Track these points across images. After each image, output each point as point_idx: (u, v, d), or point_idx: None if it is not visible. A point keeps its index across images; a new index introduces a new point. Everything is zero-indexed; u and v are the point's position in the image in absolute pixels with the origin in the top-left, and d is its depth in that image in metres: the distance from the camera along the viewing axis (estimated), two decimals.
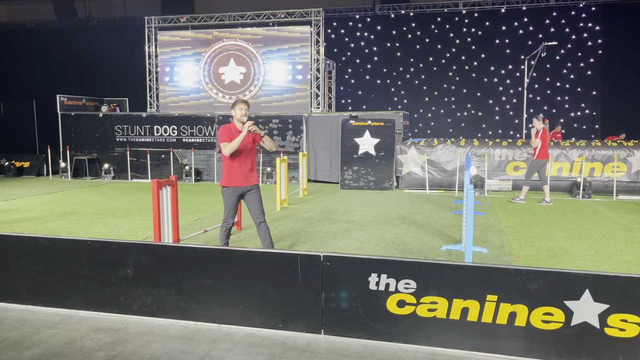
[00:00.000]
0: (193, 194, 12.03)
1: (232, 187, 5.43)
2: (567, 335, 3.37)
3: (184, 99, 16.94)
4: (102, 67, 19.94)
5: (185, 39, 16.82)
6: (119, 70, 19.60)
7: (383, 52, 20.01)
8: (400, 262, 3.73)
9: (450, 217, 8.90)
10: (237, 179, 5.43)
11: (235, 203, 5.51)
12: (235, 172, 5.42)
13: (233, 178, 5.42)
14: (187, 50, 16.82)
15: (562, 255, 6.33)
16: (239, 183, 5.45)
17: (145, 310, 4.21)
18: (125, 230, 7.75)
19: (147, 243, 4.40)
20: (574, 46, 18.28)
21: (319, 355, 3.58)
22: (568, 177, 11.87)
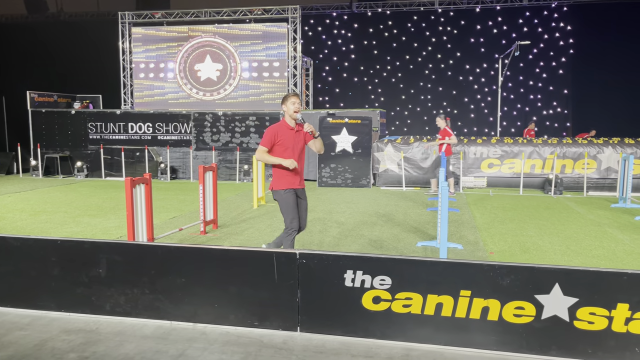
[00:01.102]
0: (168, 192, 11.89)
1: (289, 188, 4.96)
2: (538, 328, 3.43)
3: (159, 95, 16.72)
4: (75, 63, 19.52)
5: (160, 35, 16.60)
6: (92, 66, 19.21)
7: (360, 50, 20.07)
8: (375, 258, 3.75)
9: (426, 214, 8.99)
10: (292, 181, 4.97)
11: (297, 204, 5.01)
12: (291, 174, 4.96)
13: (288, 180, 4.96)
14: (162, 46, 16.60)
15: (534, 250, 6.46)
16: (294, 185, 4.99)
17: (118, 310, 4.15)
18: (98, 229, 7.61)
19: (120, 242, 4.33)
20: (546, 45, 18.62)
21: (295, 353, 3.58)
22: (540, 174, 12.10)
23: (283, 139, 4.94)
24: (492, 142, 12.61)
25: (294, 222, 4.98)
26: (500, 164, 12.32)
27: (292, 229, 4.99)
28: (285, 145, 4.95)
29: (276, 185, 5.02)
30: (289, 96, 4.97)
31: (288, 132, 4.95)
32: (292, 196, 4.98)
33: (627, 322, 3.29)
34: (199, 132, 14.57)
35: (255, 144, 14.28)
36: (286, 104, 4.95)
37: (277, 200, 5.05)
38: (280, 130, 4.95)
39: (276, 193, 5.03)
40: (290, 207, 4.97)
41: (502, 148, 12.33)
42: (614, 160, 11.73)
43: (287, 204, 4.97)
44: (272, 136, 4.92)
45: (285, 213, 5.00)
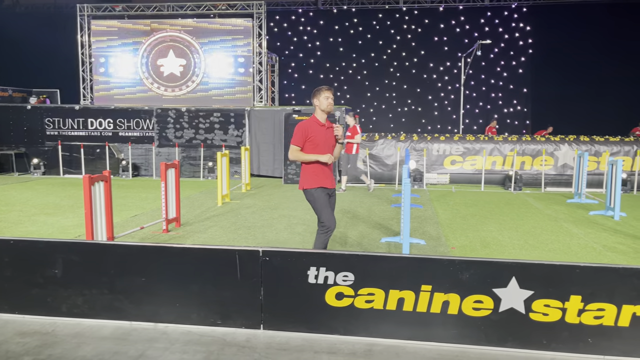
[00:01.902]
0: (130, 189, 11.64)
1: (322, 187, 4.74)
2: (496, 321, 3.52)
3: (120, 91, 16.32)
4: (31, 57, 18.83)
5: (121, 29, 16.18)
6: (49, 60, 18.57)
7: (326, 47, 20.10)
8: (338, 255, 3.76)
9: (391, 210, 9.09)
10: (325, 179, 4.75)
11: (328, 205, 4.77)
12: (323, 172, 4.75)
13: (321, 178, 4.74)
14: (123, 40, 16.19)
15: (494, 245, 6.62)
16: (327, 184, 4.77)
17: (76, 311, 4.03)
18: (55, 229, 7.38)
19: (77, 241, 4.21)
20: (507, 45, 19.10)
21: (257, 351, 3.56)
22: (501, 171, 12.42)
23: (314, 136, 4.69)
24: (454, 140, 12.85)
25: (330, 220, 4.74)
26: (462, 161, 12.58)
27: (329, 228, 4.74)
28: (316, 142, 4.71)
29: (307, 184, 4.77)
30: (322, 90, 4.70)
31: (319, 128, 4.71)
32: (324, 195, 4.76)
33: (580, 314, 3.42)
34: (161, 129, 14.29)
35: (220, 141, 14.13)
36: (319, 98, 4.70)
37: (308, 200, 4.82)
38: (311, 126, 4.70)
39: (308, 193, 4.78)
40: (324, 206, 4.74)
41: (464, 145, 12.58)
42: (570, 157, 12.14)
43: (321, 202, 4.73)
44: (303, 133, 4.68)
45: (320, 212, 4.74)
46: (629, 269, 3.37)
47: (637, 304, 3.35)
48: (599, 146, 12.12)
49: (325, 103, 4.68)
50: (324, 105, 4.68)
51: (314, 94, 4.75)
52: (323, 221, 4.74)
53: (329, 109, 4.71)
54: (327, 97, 4.67)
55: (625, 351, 3.41)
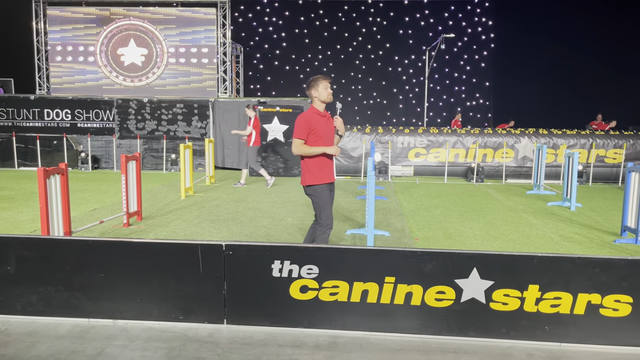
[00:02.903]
0: (89, 182, 11.29)
1: (325, 183, 4.58)
2: (457, 311, 3.58)
3: (78, 81, 15.78)
4: None
5: (79, 16, 15.62)
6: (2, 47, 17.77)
7: (292, 38, 19.98)
8: (303, 248, 3.74)
9: (356, 202, 9.13)
10: (328, 175, 4.61)
11: (331, 203, 4.67)
12: (327, 166, 4.58)
13: (325, 173, 4.58)
14: (80, 28, 15.63)
15: (456, 236, 6.74)
16: (330, 179, 4.63)
17: (30, 309, 3.88)
18: (9, 223, 7.09)
19: (30, 237, 4.04)
20: (470, 39, 19.43)
21: (220, 346, 3.52)
22: (464, 163, 12.65)
23: (317, 128, 4.49)
24: (419, 132, 12.99)
25: (329, 219, 4.63)
26: (426, 153, 12.74)
27: (328, 226, 4.64)
28: (319, 134, 4.51)
29: (311, 180, 4.57)
30: (319, 79, 4.47)
31: (320, 119, 4.51)
32: (328, 192, 4.62)
33: (538, 302, 3.51)
34: (122, 120, 13.91)
35: (183, 132, 13.86)
36: (317, 88, 4.47)
37: (311, 195, 4.63)
38: (313, 118, 4.48)
39: (311, 188, 4.59)
40: (327, 204, 4.60)
41: (428, 138, 12.75)
42: (529, 150, 12.47)
43: (325, 200, 4.59)
44: (307, 125, 4.46)
45: (322, 210, 4.60)
46: (584, 258, 3.47)
47: (592, 292, 3.46)
48: (557, 139, 12.49)
49: (325, 94, 4.48)
50: (324, 96, 4.49)
51: (310, 85, 4.52)
52: (322, 219, 4.62)
53: (329, 100, 4.52)
54: (325, 87, 4.47)
55: (580, 338, 3.52)
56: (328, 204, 4.62)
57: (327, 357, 3.39)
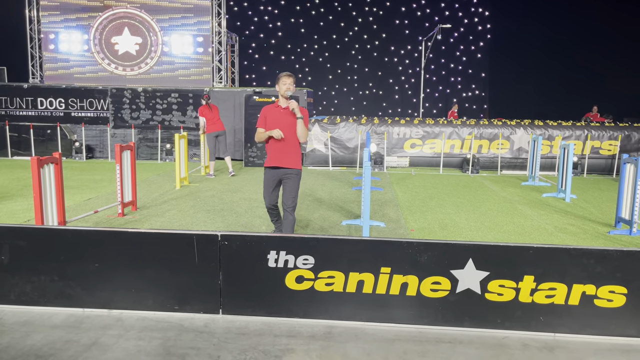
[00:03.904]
0: (84, 172, 11.23)
1: (268, 166, 5.10)
2: (453, 301, 3.59)
3: (72, 69, 15.62)
4: None
5: (72, 4, 15.42)
6: None
7: (287, 28, 19.85)
8: (298, 238, 3.74)
9: (352, 193, 9.13)
10: (273, 159, 5.05)
11: (270, 185, 5.13)
12: (274, 151, 5.03)
13: (270, 158, 5.08)
14: (73, 16, 15.44)
15: (451, 227, 6.75)
16: (274, 163, 5.05)
17: (25, 299, 3.86)
18: (3, 213, 7.04)
19: (24, 226, 4.01)
20: (466, 30, 19.36)
21: (216, 336, 3.51)
22: (459, 154, 12.65)
23: (271, 119, 5.05)
24: (414, 123, 12.98)
25: (265, 198, 5.24)
26: (422, 144, 12.74)
27: (266, 206, 5.27)
28: (272, 125, 5.05)
29: (264, 163, 5.21)
30: (280, 76, 5.03)
31: (275, 110, 5.06)
32: (268, 174, 5.14)
33: (532, 293, 3.52)
34: (117, 109, 13.81)
35: (178, 122, 13.79)
36: (278, 84, 5.04)
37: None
38: (269, 109, 5.08)
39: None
40: (265, 186, 5.18)
41: (423, 129, 12.74)
42: (525, 141, 12.48)
43: (264, 182, 5.20)
44: (262, 116, 5.11)
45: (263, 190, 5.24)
46: (579, 249, 3.49)
47: (587, 283, 3.48)
48: (552, 130, 12.50)
49: (284, 88, 5.00)
50: (282, 90, 5.02)
51: (276, 81, 5.10)
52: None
53: (284, 94, 5.01)
54: (284, 82, 5.00)
55: (574, 329, 3.54)
56: (266, 186, 5.20)
57: (322, 347, 3.40)
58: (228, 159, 10.94)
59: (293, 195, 5.08)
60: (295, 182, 5.11)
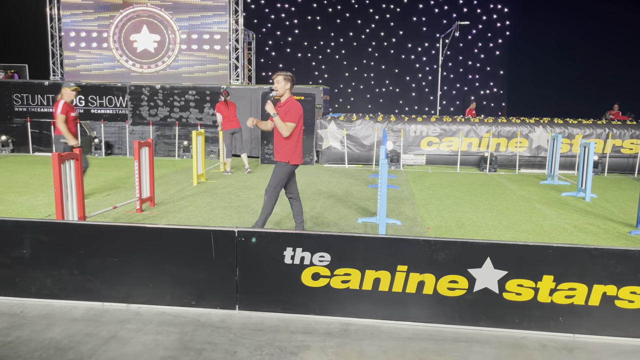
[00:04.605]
0: (103, 168, 11.37)
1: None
2: (470, 300, 3.56)
3: (91, 67, 15.83)
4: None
5: (92, 2, 15.62)
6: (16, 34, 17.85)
7: (304, 25, 19.84)
8: (315, 235, 3.74)
9: (368, 191, 9.11)
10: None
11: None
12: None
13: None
14: (93, 14, 15.63)
15: (469, 225, 6.69)
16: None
17: (45, 292, 3.93)
18: (24, 208, 7.17)
19: (45, 221, 4.08)
20: (485, 26, 19.15)
21: (232, 331, 3.54)
22: (477, 152, 12.53)
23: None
24: (431, 121, 12.88)
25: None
26: (439, 142, 12.64)
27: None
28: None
29: None
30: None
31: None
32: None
33: (552, 293, 3.48)
34: (135, 106, 13.96)
35: (195, 119, 13.88)
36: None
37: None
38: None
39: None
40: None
41: (441, 127, 12.64)
42: (544, 140, 12.31)
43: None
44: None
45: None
46: (600, 249, 3.43)
47: (608, 283, 3.42)
48: (572, 129, 12.31)
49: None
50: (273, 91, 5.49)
51: None
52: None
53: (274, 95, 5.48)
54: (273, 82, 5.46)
55: (594, 330, 3.49)
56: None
57: (338, 344, 3.39)
58: (244, 156, 10.99)
59: (270, 181, 5.51)
60: (275, 171, 5.49)
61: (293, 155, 5.44)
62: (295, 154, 5.45)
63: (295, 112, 5.34)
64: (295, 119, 5.33)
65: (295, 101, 5.45)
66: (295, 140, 5.42)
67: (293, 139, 5.42)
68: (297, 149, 5.45)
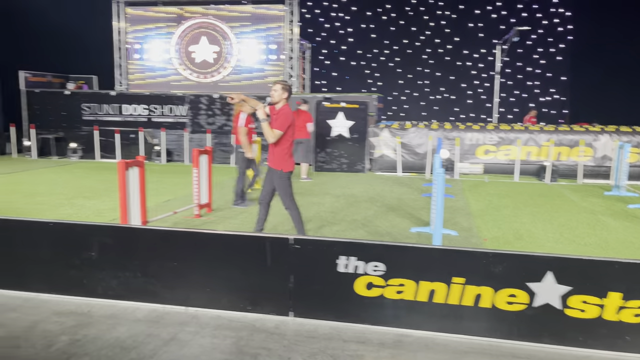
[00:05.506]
0: (163, 174, 11.83)
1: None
2: (530, 316, 3.44)
3: (154, 77, 16.55)
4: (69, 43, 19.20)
5: (156, 15, 16.37)
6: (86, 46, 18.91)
7: (358, 34, 19.87)
8: (369, 244, 3.74)
9: (421, 200, 8.98)
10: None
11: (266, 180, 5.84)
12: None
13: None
14: (157, 26, 16.37)
15: (527, 237, 6.47)
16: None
17: (111, 293, 4.13)
18: (92, 212, 7.57)
19: (112, 225, 4.30)
20: (546, 31, 18.49)
21: (287, 338, 3.58)
22: (536, 161, 12.09)
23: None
24: (488, 129, 12.56)
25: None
26: (496, 151, 12.30)
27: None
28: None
29: None
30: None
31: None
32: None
33: (619, 311, 3.30)
34: (194, 115, 14.45)
35: None
36: None
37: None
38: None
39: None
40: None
41: (498, 134, 12.30)
42: (609, 148, 11.72)
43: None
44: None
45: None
46: None
47: None
48: None
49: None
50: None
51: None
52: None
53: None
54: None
55: None
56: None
57: (392, 355, 3.37)
58: (305, 166, 11.14)
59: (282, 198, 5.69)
60: (278, 186, 5.64)
61: (285, 162, 5.61)
62: (286, 161, 5.61)
63: (284, 120, 5.49)
64: (283, 126, 5.48)
65: (289, 110, 5.57)
66: (285, 147, 5.58)
67: (283, 147, 5.56)
68: (287, 156, 5.63)
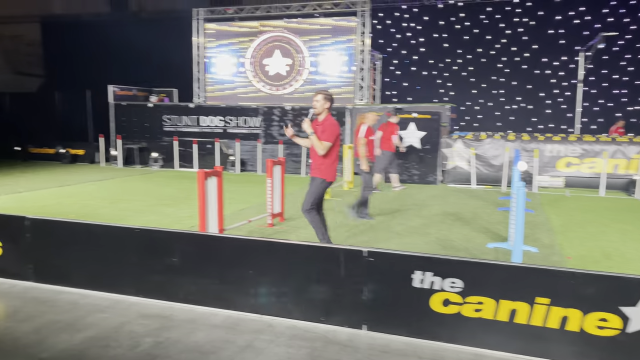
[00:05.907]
0: (237, 184, 12.20)
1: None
2: (623, 342, 3.20)
3: (229, 89, 17.20)
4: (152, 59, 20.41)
5: (232, 31, 17.04)
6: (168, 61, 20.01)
7: (430, 43, 19.59)
8: (446, 260, 3.64)
9: (497, 214, 8.65)
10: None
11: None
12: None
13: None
14: (233, 41, 17.04)
15: (617, 257, 6.04)
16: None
17: (190, 298, 4.30)
18: (172, 219, 7.94)
19: (193, 233, 4.48)
20: (634, 37, 17.33)
21: (360, 351, 3.55)
22: (624, 175, 11.31)
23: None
24: (570, 140, 11.92)
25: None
26: (579, 163, 11.63)
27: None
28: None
29: None
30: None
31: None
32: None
33: None
34: (267, 126, 14.83)
35: None
36: None
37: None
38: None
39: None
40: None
41: (581, 146, 11.63)
42: None
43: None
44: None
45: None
46: None
47: None
48: None
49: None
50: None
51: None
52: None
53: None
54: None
55: None
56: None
57: None
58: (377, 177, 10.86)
59: (306, 197, 5.77)
60: (310, 186, 5.72)
61: (329, 172, 5.60)
62: (330, 172, 5.61)
63: (331, 131, 5.44)
64: (331, 138, 5.43)
65: (333, 120, 5.53)
66: (332, 158, 5.57)
67: (330, 157, 5.56)
68: (332, 166, 5.62)
